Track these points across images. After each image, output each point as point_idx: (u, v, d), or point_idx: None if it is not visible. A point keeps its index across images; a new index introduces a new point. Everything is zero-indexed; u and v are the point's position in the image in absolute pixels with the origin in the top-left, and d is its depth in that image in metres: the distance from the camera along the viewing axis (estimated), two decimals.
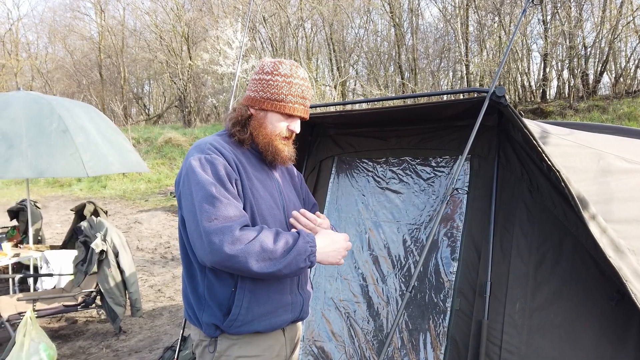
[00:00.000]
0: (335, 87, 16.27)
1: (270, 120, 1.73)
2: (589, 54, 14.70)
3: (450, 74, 19.37)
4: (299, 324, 1.92)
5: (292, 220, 1.71)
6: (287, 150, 1.78)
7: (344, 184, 2.97)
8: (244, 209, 1.62)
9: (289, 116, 1.74)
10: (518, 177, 2.35)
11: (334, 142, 3.04)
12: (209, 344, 1.69)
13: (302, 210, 1.73)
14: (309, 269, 1.76)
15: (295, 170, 2.02)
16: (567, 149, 2.34)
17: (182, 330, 2.75)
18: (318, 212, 1.80)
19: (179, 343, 2.80)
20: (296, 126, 1.77)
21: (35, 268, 5.63)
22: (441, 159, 2.63)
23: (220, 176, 1.57)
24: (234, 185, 1.60)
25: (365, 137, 2.91)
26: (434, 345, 2.41)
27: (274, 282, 1.67)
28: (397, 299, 2.59)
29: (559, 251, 2.21)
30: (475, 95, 2.10)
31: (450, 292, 2.42)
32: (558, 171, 1.90)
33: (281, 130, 1.74)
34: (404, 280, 2.60)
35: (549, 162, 1.93)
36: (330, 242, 1.63)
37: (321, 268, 2.90)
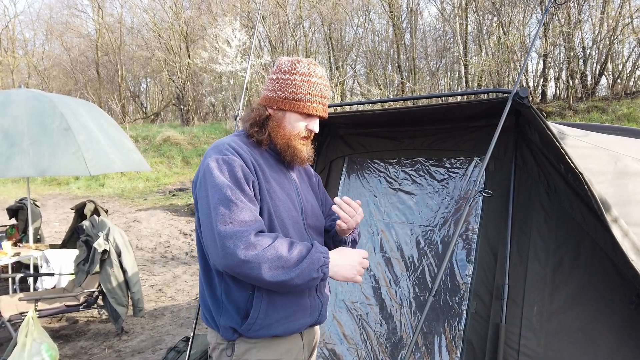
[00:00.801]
0: (336, 86, 16.25)
1: (288, 120, 1.70)
2: (587, 55, 14.73)
3: (449, 73, 19.39)
4: (317, 327, 1.88)
5: (335, 207, 1.68)
6: (306, 150, 1.74)
7: (355, 184, 2.94)
8: (261, 211, 1.59)
9: (308, 116, 1.70)
10: (535, 178, 2.33)
11: (345, 142, 3.00)
12: (227, 348, 1.65)
13: (345, 197, 1.70)
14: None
15: (312, 171, 1.99)
16: (584, 151, 2.31)
17: (193, 332, 2.71)
18: (358, 201, 1.76)
19: (190, 342, 2.75)
20: (315, 126, 1.73)
21: (36, 267, 5.58)
22: (456, 160, 2.60)
23: (237, 178, 1.54)
24: (251, 187, 1.57)
25: (377, 137, 2.87)
26: (449, 348, 2.38)
27: None
28: (411, 302, 2.56)
29: (577, 254, 2.19)
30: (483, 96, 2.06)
31: (465, 295, 2.39)
32: (581, 174, 1.87)
33: (300, 130, 1.70)
34: (417, 282, 2.57)
35: (571, 165, 1.90)
36: (344, 256, 1.59)
37: None
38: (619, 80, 14.80)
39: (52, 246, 6.17)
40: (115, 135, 5.46)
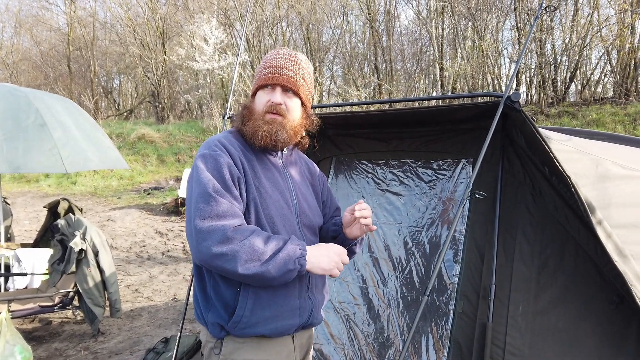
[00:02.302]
0: (314, 87, 16.25)
1: (256, 101, 1.71)
2: (558, 61, 15.16)
3: (425, 76, 19.64)
4: (311, 330, 1.85)
5: (357, 213, 1.67)
6: (272, 129, 1.64)
7: (342, 185, 2.95)
8: (248, 208, 1.58)
9: (265, 88, 1.69)
10: (520, 181, 2.38)
11: (332, 143, 3.01)
12: (214, 346, 1.64)
13: (350, 208, 1.71)
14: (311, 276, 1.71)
15: (317, 170, 1.96)
16: (567, 155, 2.37)
17: (180, 331, 2.67)
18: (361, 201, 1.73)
19: (177, 341, 2.71)
20: (273, 96, 1.67)
21: (7, 267, 5.40)
22: (443, 162, 2.64)
23: (222, 174, 1.53)
24: (237, 184, 1.56)
25: (365, 138, 2.89)
26: (437, 347, 2.42)
27: (282, 285, 1.59)
28: (399, 301, 2.59)
29: (561, 255, 2.25)
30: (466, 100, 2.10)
31: (452, 295, 2.43)
32: (568, 177, 1.92)
33: (264, 105, 1.68)
34: (405, 282, 2.60)
35: (557, 168, 1.96)
36: (323, 249, 1.59)
37: None
38: (587, 86, 15.29)
39: (24, 245, 5.99)
40: (92, 132, 5.34)
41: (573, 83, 15.48)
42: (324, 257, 1.56)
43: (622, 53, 13.64)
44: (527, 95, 16.46)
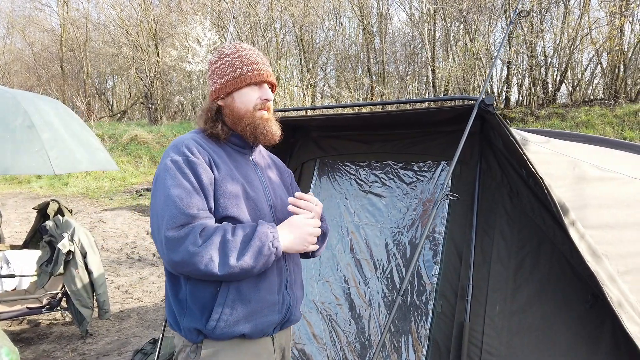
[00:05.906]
0: (306, 88, 16.28)
1: (239, 100, 1.68)
2: (549, 63, 15.28)
3: (417, 78, 19.75)
4: (289, 330, 1.83)
5: (290, 207, 1.65)
6: (269, 125, 1.68)
7: (326, 186, 2.98)
8: (217, 206, 1.56)
9: (254, 85, 1.69)
10: (498, 182, 2.42)
11: (316, 145, 3.04)
12: (192, 351, 1.60)
13: (297, 193, 1.67)
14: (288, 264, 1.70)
15: (285, 167, 1.97)
16: (544, 157, 2.42)
17: (162, 333, 2.69)
18: (311, 193, 1.74)
19: (160, 343, 2.73)
20: (266, 93, 1.69)
21: None
22: (424, 164, 2.68)
23: (190, 179, 1.51)
24: (207, 184, 1.54)
25: (348, 140, 2.92)
26: (416, 346, 2.45)
27: (262, 279, 1.59)
28: (380, 302, 2.62)
29: (537, 255, 2.29)
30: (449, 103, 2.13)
31: (432, 295, 2.46)
32: (541, 178, 1.96)
33: (254, 103, 1.68)
34: (386, 282, 2.63)
35: (532, 170, 2.00)
36: (292, 229, 1.58)
37: (304, 270, 2.90)
38: (577, 88, 15.43)
39: (13, 247, 5.97)
40: (81, 133, 5.33)
41: (563, 85, 15.63)
42: (296, 240, 1.57)
43: (611, 55, 13.77)
44: (517, 96, 16.59)
